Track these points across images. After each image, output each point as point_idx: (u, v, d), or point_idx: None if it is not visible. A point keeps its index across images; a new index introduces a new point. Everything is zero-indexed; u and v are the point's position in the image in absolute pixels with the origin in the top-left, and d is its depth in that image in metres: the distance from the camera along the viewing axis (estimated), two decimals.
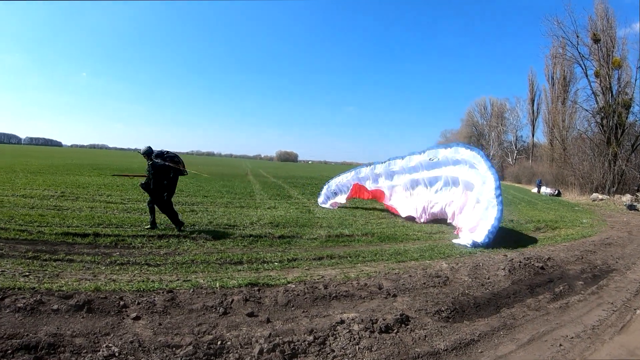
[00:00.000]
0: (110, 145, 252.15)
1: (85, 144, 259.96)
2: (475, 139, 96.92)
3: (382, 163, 17.99)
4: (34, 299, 5.50)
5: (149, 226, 11.03)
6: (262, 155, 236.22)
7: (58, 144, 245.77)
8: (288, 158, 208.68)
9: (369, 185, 18.30)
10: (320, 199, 19.39)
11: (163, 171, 10.82)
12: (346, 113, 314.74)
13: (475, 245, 11.84)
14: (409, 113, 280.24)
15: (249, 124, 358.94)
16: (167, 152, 11.14)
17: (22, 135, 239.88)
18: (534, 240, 13.97)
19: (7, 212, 11.97)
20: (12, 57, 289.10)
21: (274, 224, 12.97)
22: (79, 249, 8.79)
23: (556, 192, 42.24)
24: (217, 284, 6.90)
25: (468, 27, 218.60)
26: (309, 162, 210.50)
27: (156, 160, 10.81)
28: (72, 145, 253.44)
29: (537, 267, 9.34)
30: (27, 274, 6.87)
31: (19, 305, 5.31)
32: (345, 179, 19.05)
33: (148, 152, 11.11)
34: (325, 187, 19.77)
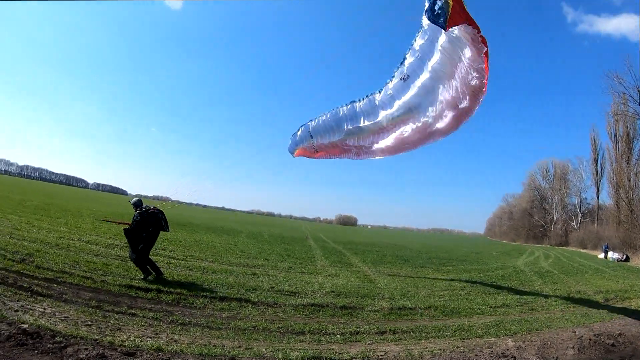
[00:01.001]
0: (173, 198, 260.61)
1: (149, 195, 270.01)
2: (538, 203, 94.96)
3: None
4: (97, 352, 5.51)
5: (147, 276, 11.30)
6: (322, 218, 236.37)
7: (123, 192, 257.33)
8: (347, 222, 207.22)
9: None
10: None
11: (145, 224, 11.52)
12: (405, 177, 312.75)
13: None
14: (468, 177, 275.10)
15: (310, 184, 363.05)
16: (154, 208, 11.97)
17: (90, 180, 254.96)
18: (603, 314, 12.92)
19: (72, 257, 12.53)
20: (89, 107, 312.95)
21: (335, 292, 12.61)
22: (141, 304, 8.93)
23: (624, 257, 39.53)
24: (280, 355, 6.69)
25: (525, 88, 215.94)
26: (368, 226, 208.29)
27: (141, 212, 11.65)
28: (136, 195, 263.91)
29: (608, 344, 8.60)
30: (90, 323, 6.96)
31: (81, 356, 5.31)
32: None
33: (137, 204, 11.96)
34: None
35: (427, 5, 11.08)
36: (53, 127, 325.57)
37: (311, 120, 15.83)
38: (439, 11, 10.61)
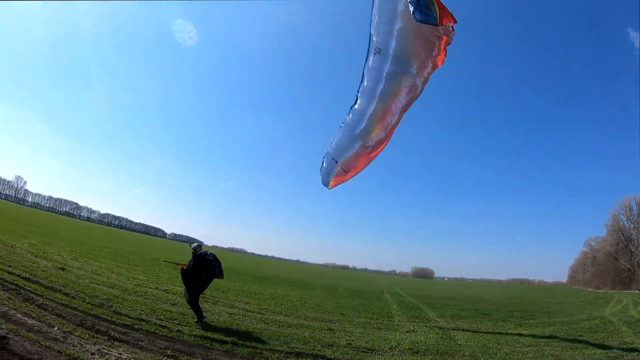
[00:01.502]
0: (249, 250, 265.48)
1: (224, 247, 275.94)
2: (624, 245, 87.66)
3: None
4: None
5: (201, 319, 11.67)
6: (397, 271, 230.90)
7: (200, 243, 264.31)
8: (423, 274, 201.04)
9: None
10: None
11: (199, 268, 12.05)
12: (483, 225, 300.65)
13: None
14: (547, 223, 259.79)
15: (385, 236, 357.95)
16: (210, 254, 12.50)
17: (168, 230, 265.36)
18: None
19: (149, 305, 12.73)
20: (174, 164, 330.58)
21: (414, 350, 11.79)
22: (216, 355, 8.78)
23: None
24: None
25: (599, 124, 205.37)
26: (445, 279, 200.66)
27: (201, 257, 12.30)
28: (212, 246, 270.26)
29: None
30: None
31: None
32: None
33: (196, 248, 12.65)
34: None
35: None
36: (133, 178, 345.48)
37: (329, 147, 15.43)
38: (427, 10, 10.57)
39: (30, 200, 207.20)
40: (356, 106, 14.11)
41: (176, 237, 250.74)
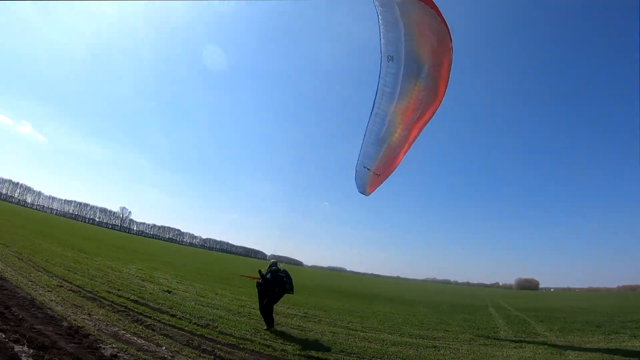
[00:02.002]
0: (348, 269, 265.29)
1: (324, 266, 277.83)
2: None
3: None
4: None
5: (270, 327, 12.61)
6: (500, 284, 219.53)
7: (299, 263, 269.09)
8: (528, 286, 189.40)
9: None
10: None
11: (273, 282, 13.07)
12: (588, 230, 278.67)
13: None
14: None
15: (486, 249, 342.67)
16: (284, 271, 13.59)
17: (268, 252, 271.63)
18: None
19: (253, 325, 12.93)
20: (268, 187, 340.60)
21: None
22: None
23: None
24: None
25: None
26: (551, 289, 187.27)
27: (273, 273, 13.34)
28: (312, 266, 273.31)
29: None
30: None
31: None
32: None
33: (272, 265, 13.83)
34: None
35: None
36: (232, 204, 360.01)
37: (358, 157, 16.04)
38: None
39: (135, 228, 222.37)
40: (376, 111, 14.58)
41: (276, 258, 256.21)
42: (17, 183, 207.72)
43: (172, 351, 8.64)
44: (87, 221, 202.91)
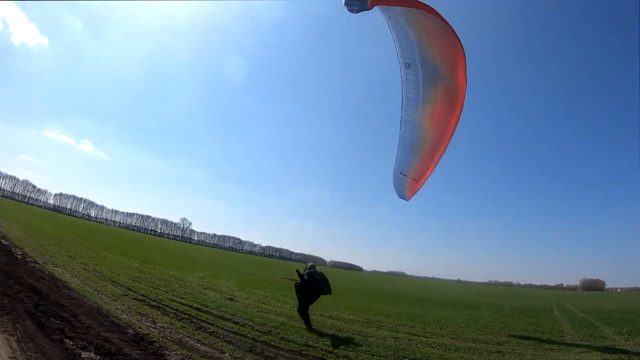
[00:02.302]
0: (408, 273, 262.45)
1: (383, 271, 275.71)
2: None
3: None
4: None
5: (310, 327, 13.25)
6: (565, 285, 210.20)
7: (359, 269, 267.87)
8: (594, 286, 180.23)
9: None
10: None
11: (310, 284, 13.87)
12: None
13: None
14: None
15: (549, 250, 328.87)
16: (320, 273, 14.37)
17: (327, 258, 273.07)
18: None
19: (315, 331, 12.76)
20: (318, 192, 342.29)
21: None
22: None
23: None
24: None
25: None
26: (618, 289, 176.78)
27: (310, 275, 14.12)
28: (372, 271, 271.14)
29: None
30: None
31: None
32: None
33: (309, 268, 14.67)
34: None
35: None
36: (289, 211, 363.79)
37: (395, 165, 16.56)
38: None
39: (195, 238, 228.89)
40: (405, 118, 15.08)
41: (335, 265, 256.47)
42: (81, 198, 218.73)
43: (235, 358, 8.65)
44: (149, 232, 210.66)
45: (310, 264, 14.82)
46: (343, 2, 11.35)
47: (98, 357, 7.07)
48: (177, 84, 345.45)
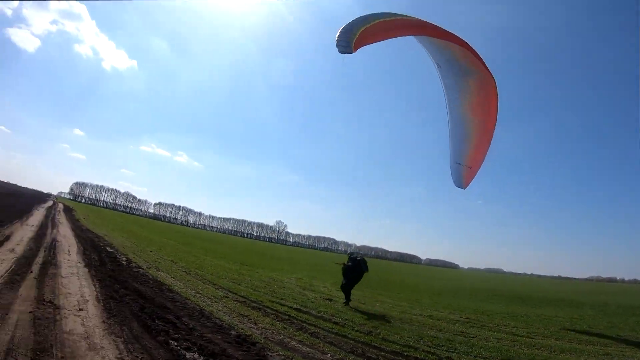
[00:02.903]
0: (506, 270, 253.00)
1: (480, 267, 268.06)
2: None
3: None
4: None
5: (348, 302, 16.43)
6: None
7: (455, 266, 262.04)
8: None
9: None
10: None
11: (353, 267, 16.92)
12: None
13: None
14: None
15: None
16: (361, 257, 17.56)
17: (423, 256, 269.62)
18: None
19: (416, 331, 12.44)
20: (411, 190, 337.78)
21: None
22: None
23: None
24: None
25: None
26: None
27: (353, 259, 17.32)
28: (468, 268, 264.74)
29: None
30: None
31: None
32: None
33: (351, 253, 18.38)
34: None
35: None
36: (385, 210, 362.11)
37: (450, 156, 17.89)
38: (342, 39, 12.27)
39: (291, 240, 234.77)
40: (450, 112, 16.35)
41: (431, 263, 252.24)
42: (179, 206, 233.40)
43: (337, 359, 8.58)
44: (245, 236, 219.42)
45: (350, 250, 17.64)
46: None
47: (202, 358, 7.23)
48: (260, 92, 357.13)
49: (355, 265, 16.82)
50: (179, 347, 7.57)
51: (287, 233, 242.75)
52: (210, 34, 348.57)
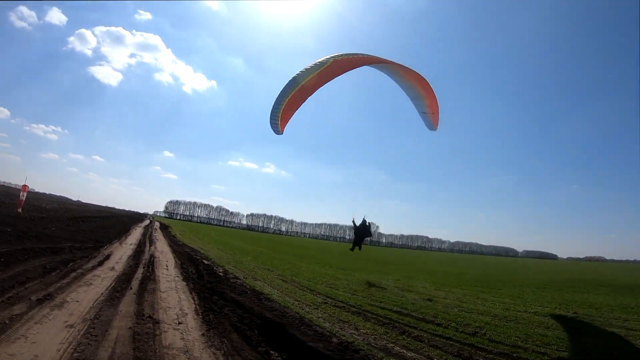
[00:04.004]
0: (607, 257, 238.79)
1: (580, 257, 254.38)
2: None
3: None
4: None
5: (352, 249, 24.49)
6: None
7: (553, 257, 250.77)
8: None
9: None
10: None
11: (361, 228, 22.74)
12: None
13: None
14: None
15: None
16: (368, 222, 22.66)
17: (519, 248, 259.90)
18: None
19: (522, 330, 11.91)
20: (501, 180, 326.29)
21: None
22: None
23: None
24: None
25: None
26: None
27: (363, 222, 22.60)
28: (567, 258, 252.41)
29: None
30: None
31: None
32: None
33: (364, 220, 22.91)
34: None
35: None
36: (478, 203, 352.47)
37: (420, 115, 20.59)
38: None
39: (384, 241, 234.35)
40: (403, 88, 19.57)
41: (528, 254, 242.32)
42: (271, 216, 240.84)
43: None
44: (338, 240, 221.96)
45: (362, 219, 22.42)
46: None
47: None
48: (336, 95, 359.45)
49: (362, 227, 22.50)
50: (279, 358, 7.60)
51: (380, 234, 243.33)
52: (283, 45, 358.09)
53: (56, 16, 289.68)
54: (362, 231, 22.94)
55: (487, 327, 11.90)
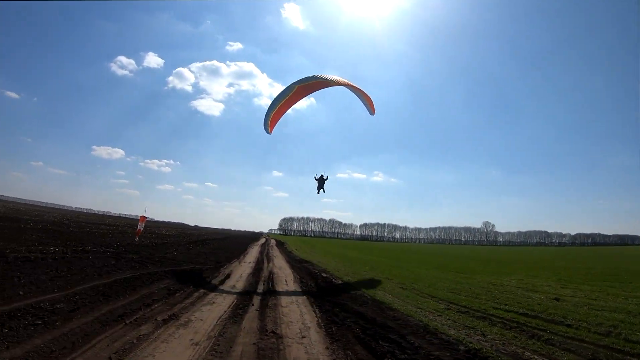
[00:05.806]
0: None
1: None
2: None
3: None
4: None
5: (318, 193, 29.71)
6: None
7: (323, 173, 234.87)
8: None
9: None
10: None
11: (320, 178, 28.68)
12: None
13: None
14: None
15: None
16: (326, 175, 28.98)
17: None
18: None
19: None
20: (618, 160, 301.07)
21: None
22: None
23: None
24: None
25: None
26: None
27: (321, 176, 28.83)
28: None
29: None
30: None
31: None
32: None
33: (321, 175, 28.91)
34: None
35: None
36: (597, 190, 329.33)
37: (364, 107, 28.37)
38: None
39: (501, 240, 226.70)
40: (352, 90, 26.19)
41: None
42: (384, 224, 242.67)
43: None
44: (453, 242, 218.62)
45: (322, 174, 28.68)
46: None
47: None
48: (439, 91, 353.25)
49: (320, 178, 28.58)
50: None
51: (496, 233, 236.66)
52: (376, 55, 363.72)
53: (153, 60, 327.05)
54: (322, 180, 28.92)
55: (622, 325, 11.22)
